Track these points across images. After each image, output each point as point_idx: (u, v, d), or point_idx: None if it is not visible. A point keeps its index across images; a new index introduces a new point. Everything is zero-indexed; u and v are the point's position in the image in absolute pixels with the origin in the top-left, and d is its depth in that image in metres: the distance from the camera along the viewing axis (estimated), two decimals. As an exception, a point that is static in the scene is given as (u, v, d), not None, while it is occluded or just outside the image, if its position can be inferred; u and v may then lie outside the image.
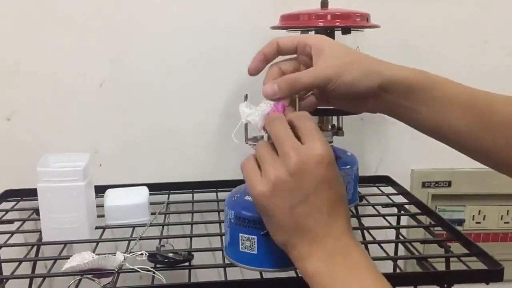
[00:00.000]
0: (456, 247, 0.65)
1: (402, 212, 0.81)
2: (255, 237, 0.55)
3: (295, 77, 0.53)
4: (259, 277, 0.58)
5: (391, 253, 0.74)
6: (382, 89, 0.53)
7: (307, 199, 0.47)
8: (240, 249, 0.56)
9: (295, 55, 0.58)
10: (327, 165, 0.47)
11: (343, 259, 0.46)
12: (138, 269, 0.58)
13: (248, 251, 0.56)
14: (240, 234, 0.56)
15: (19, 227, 0.75)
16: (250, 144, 0.58)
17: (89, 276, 0.58)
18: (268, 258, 0.55)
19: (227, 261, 0.59)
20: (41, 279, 0.63)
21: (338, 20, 0.71)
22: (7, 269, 0.64)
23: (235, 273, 0.58)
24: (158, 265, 0.61)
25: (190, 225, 0.75)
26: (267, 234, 0.54)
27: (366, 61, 0.55)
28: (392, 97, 0.54)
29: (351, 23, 0.72)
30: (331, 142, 0.78)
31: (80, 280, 0.57)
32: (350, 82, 0.53)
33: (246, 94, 0.56)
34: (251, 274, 0.57)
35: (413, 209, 0.80)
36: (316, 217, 0.47)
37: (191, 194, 0.87)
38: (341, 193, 0.49)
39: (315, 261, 0.47)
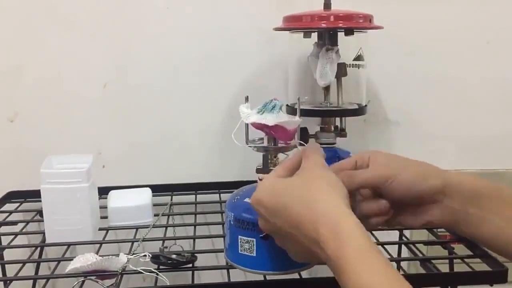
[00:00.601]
0: (460, 249, 0.65)
1: (406, 213, 0.80)
2: (254, 239, 0.55)
3: (353, 172, 0.53)
4: (262, 278, 0.58)
5: (395, 255, 0.74)
6: (443, 192, 0.52)
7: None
8: (240, 252, 0.56)
9: None
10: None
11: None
12: (141, 271, 0.58)
13: (247, 254, 0.56)
14: (240, 237, 0.56)
15: (22, 228, 0.75)
16: (250, 146, 0.58)
17: (93, 277, 0.58)
18: (267, 261, 0.55)
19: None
20: (44, 280, 0.63)
21: (341, 22, 0.71)
22: (11, 270, 0.64)
23: (238, 275, 0.58)
24: (161, 267, 0.61)
25: (193, 227, 0.75)
26: (266, 237, 0.54)
27: (425, 164, 0.54)
28: (456, 203, 0.52)
29: (354, 24, 0.72)
30: (334, 143, 0.78)
31: (83, 281, 0.57)
32: (409, 180, 0.51)
33: (247, 96, 0.56)
34: (254, 275, 0.57)
35: (416, 210, 0.80)
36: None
37: (194, 196, 0.87)
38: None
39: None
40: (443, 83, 0.92)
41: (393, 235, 0.84)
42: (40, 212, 0.75)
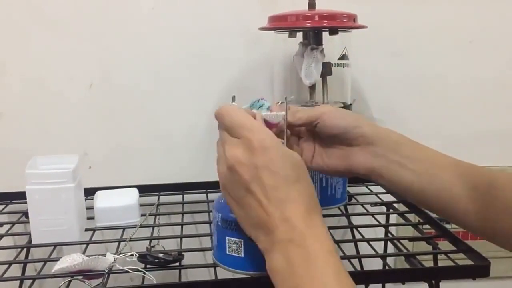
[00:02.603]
0: (445, 245, 0.66)
1: (391, 210, 0.82)
2: (242, 240, 0.55)
3: (296, 111, 0.59)
4: (248, 276, 0.58)
5: (380, 251, 0.75)
6: (370, 140, 0.56)
7: (247, 189, 0.46)
8: (227, 252, 0.56)
9: None
10: (261, 150, 0.46)
11: (299, 251, 0.43)
12: (129, 270, 0.58)
13: (235, 255, 0.56)
14: (227, 237, 0.56)
15: (8, 230, 0.74)
16: None
17: (79, 277, 0.58)
18: (255, 262, 0.55)
19: (216, 262, 0.59)
20: (30, 281, 0.62)
21: (326, 21, 0.72)
22: (-4, 272, 0.64)
23: (225, 272, 0.58)
24: (148, 266, 0.61)
25: (180, 226, 0.75)
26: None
27: (362, 116, 0.60)
28: (380, 149, 0.56)
29: (338, 23, 0.73)
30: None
31: (70, 281, 0.57)
32: (336, 121, 0.57)
33: (234, 96, 0.57)
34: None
35: (401, 207, 0.81)
36: (263, 207, 0.45)
37: (181, 196, 0.87)
38: (286, 175, 0.46)
39: (274, 254, 0.45)
40: (426, 82, 0.93)
41: (379, 233, 0.85)
42: (25, 214, 0.75)
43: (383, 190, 0.87)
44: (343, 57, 0.80)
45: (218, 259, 0.58)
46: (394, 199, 0.83)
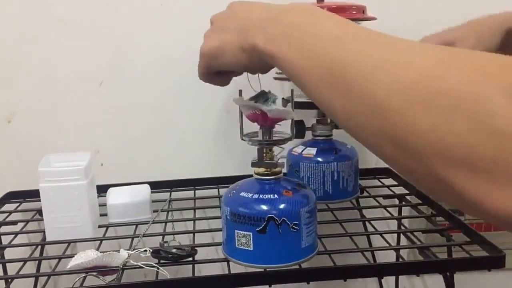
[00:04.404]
0: (458, 237, 0.66)
1: (404, 203, 0.81)
2: (251, 233, 0.55)
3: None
4: (262, 270, 0.58)
5: (394, 244, 0.75)
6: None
7: (231, 15, 0.50)
8: (236, 246, 0.56)
9: None
10: None
11: (299, 13, 0.43)
12: (142, 265, 0.59)
13: (244, 248, 0.56)
14: (236, 231, 0.56)
15: (22, 227, 0.75)
16: (245, 140, 0.58)
17: (94, 273, 0.59)
18: (264, 255, 0.56)
19: (227, 257, 0.60)
20: (46, 278, 0.63)
21: (335, 13, 0.71)
22: (12, 269, 0.65)
23: (238, 266, 0.58)
24: (162, 261, 0.61)
25: (192, 222, 0.76)
26: (262, 231, 0.54)
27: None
28: None
29: (348, 15, 0.72)
30: (331, 135, 0.79)
31: (85, 277, 0.58)
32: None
33: (240, 90, 0.57)
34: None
35: (414, 199, 0.80)
36: (253, 11, 0.47)
37: (193, 191, 0.87)
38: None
39: (274, 27, 0.43)
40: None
41: (392, 225, 0.84)
42: (39, 212, 0.76)
43: (395, 183, 0.86)
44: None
45: (228, 253, 0.59)
46: (407, 192, 0.82)
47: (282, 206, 0.55)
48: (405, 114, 0.31)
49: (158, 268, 0.59)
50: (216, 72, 0.54)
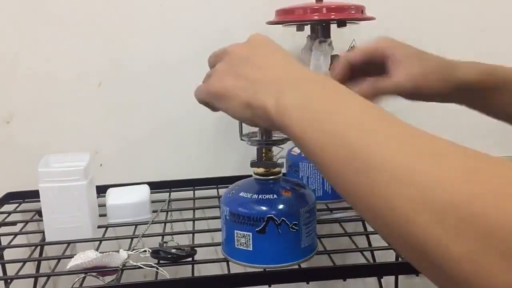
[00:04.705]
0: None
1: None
2: (250, 233, 0.55)
3: (377, 86, 0.56)
4: (261, 270, 0.58)
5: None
6: (456, 90, 0.58)
7: (248, 58, 0.45)
8: (236, 246, 0.56)
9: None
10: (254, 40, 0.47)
11: (318, 85, 0.39)
12: (142, 266, 0.59)
13: (243, 248, 0.56)
14: (236, 231, 0.56)
15: (22, 228, 0.75)
16: (244, 140, 0.58)
17: (94, 274, 0.59)
18: (263, 255, 0.56)
19: (227, 257, 0.60)
20: (45, 278, 0.63)
21: (333, 13, 0.71)
22: (11, 270, 0.65)
23: (238, 267, 0.58)
24: (161, 261, 0.61)
25: (192, 222, 0.76)
26: (262, 231, 0.54)
27: (441, 67, 0.60)
28: (466, 95, 0.60)
29: (346, 15, 0.72)
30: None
31: (84, 278, 0.58)
32: (427, 92, 0.58)
33: None
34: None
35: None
36: (262, 69, 0.43)
37: (192, 191, 0.87)
38: (288, 54, 0.45)
39: (286, 93, 0.39)
40: (436, 72, 0.92)
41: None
42: (38, 212, 0.76)
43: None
44: (352, 49, 0.80)
45: (227, 253, 0.59)
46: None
47: (281, 206, 0.55)
48: (433, 236, 0.28)
49: (157, 268, 0.59)
50: None
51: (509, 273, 0.25)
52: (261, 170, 0.59)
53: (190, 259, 0.62)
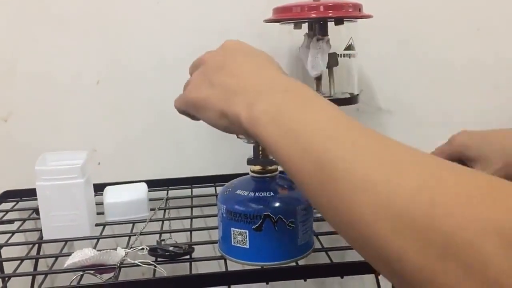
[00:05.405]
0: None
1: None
2: (247, 231, 0.55)
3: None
4: (259, 267, 0.58)
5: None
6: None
7: (222, 66, 0.45)
8: (232, 244, 0.56)
9: None
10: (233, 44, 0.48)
11: (289, 94, 0.40)
12: (140, 264, 0.59)
13: (240, 246, 0.56)
14: (232, 229, 0.56)
15: (19, 226, 0.75)
16: (240, 138, 0.58)
17: (91, 271, 0.59)
18: (260, 252, 0.56)
19: (222, 255, 0.60)
20: (43, 276, 0.63)
21: (331, 11, 0.71)
22: (9, 268, 0.65)
23: (236, 264, 0.59)
24: (159, 259, 0.61)
25: (189, 220, 0.76)
26: (258, 229, 0.54)
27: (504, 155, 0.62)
28: None
29: (344, 13, 0.72)
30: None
31: (82, 276, 0.58)
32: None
33: None
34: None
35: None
36: (238, 76, 0.43)
37: (189, 189, 0.87)
38: (263, 58, 0.45)
39: (259, 103, 0.39)
40: (434, 70, 0.93)
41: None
42: (36, 210, 0.76)
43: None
44: (349, 47, 0.80)
45: (224, 250, 0.59)
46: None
47: (278, 204, 0.55)
48: (393, 244, 0.29)
49: (155, 266, 0.59)
50: None
51: (469, 280, 0.25)
52: (257, 168, 0.59)
53: (187, 256, 0.62)
